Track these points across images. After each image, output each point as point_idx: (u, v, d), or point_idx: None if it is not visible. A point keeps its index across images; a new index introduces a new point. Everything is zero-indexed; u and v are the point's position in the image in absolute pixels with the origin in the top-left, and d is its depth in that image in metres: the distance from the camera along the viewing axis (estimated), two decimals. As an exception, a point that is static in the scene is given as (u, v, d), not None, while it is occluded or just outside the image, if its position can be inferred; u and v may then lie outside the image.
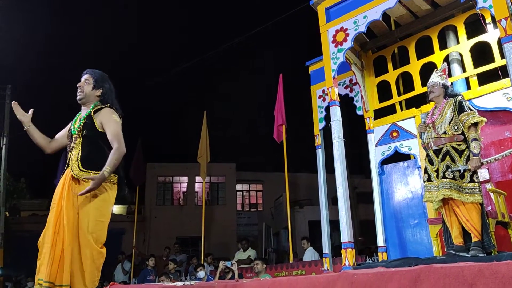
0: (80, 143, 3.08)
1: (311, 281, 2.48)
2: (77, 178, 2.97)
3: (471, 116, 3.78)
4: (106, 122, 3.10)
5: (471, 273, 1.83)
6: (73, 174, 2.98)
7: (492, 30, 5.01)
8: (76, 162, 3.00)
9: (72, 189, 2.95)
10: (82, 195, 2.86)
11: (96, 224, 2.90)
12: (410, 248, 5.28)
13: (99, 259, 2.90)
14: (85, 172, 2.96)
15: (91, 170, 2.97)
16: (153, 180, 21.26)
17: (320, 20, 5.32)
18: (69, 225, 2.84)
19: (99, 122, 3.10)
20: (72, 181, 2.98)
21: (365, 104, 5.87)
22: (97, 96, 3.26)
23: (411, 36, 5.74)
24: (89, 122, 3.10)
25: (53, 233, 2.86)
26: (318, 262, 7.07)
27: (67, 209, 2.88)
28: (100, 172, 2.90)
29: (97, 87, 3.26)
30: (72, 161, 3.04)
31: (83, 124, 3.12)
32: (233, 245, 18.64)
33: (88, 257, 2.84)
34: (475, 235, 3.66)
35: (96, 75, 3.30)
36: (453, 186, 3.72)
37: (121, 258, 10.98)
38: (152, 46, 35.35)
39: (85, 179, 2.93)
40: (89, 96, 3.24)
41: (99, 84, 3.27)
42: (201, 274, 7.60)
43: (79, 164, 2.99)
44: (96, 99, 3.26)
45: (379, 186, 5.67)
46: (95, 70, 3.34)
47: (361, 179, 18.50)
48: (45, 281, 2.74)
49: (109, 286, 4.00)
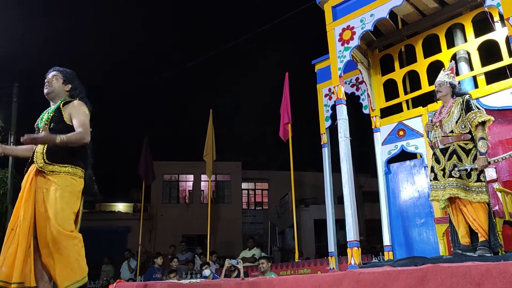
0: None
1: (318, 280, 2.48)
2: (42, 171, 2.89)
3: (478, 115, 3.75)
4: (74, 113, 3.04)
5: (478, 272, 1.82)
6: (37, 166, 2.90)
7: (500, 28, 4.97)
8: (42, 155, 2.93)
9: (37, 183, 2.89)
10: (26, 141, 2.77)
11: (63, 212, 2.83)
12: (416, 247, 5.26)
13: (77, 244, 2.84)
14: (50, 165, 2.90)
15: (57, 162, 2.91)
16: (159, 179, 21.27)
17: (326, 19, 5.31)
18: (25, 221, 2.77)
19: (68, 114, 3.05)
20: (38, 175, 2.91)
21: (372, 102, 5.85)
22: (66, 91, 3.22)
23: (418, 35, 5.71)
24: (57, 115, 3.05)
25: (9, 230, 2.81)
26: (324, 261, 7.07)
27: (26, 205, 2.82)
28: (67, 165, 2.89)
29: (66, 82, 3.23)
30: (37, 153, 2.96)
31: (51, 117, 3.06)
32: (238, 243, 18.68)
33: (66, 246, 2.77)
34: (482, 234, 3.63)
35: (64, 72, 3.28)
36: (459, 185, 3.70)
37: (127, 255, 11.04)
38: (158, 44, 35.45)
39: (50, 172, 2.87)
40: (58, 91, 3.20)
41: (68, 80, 3.25)
42: (207, 272, 7.61)
43: (44, 157, 2.91)
44: (65, 94, 3.22)
45: (385, 185, 5.65)
46: (63, 68, 3.32)
47: (367, 178, 18.46)
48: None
49: (116, 283, 4.03)
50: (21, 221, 2.78)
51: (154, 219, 20.51)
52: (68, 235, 2.80)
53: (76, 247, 2.83)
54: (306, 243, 17.78)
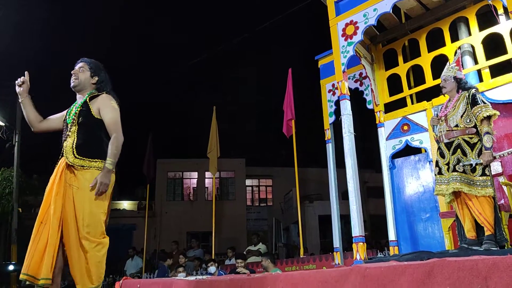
0: (75, 131, 2.97)
1: (324, 275, 2.48)
2: (72, 166, 2.86)
3: (484, 109, 3.73)
4: (103, 108, 3.01)
5: (485, 266, 1.81)
6: (68, 161, 2.86)
7: (505, 21, 4.93)
8: (71, 149, 2.89)
9: (66, 178, 2.85)
10: (98, 195, 2.78)
11: (92, 216, 2.79)
12: (421, 242, 5.25)
13: (99, 250, 2.80)
14: (81, 160, 2.86)
15: (87, 157, 2.87)
16: (163, 176, 21.39)
17: (329, 14, 5.29)
18: (55, 215, 2.73)
19: (96, 108, 3.01)
20: (67, 169, 2.88)
21: (375, 97, 5.83)
22: (92, 84, 3.16)
23: (422, 29, 5.68)
24: (85, 109, 3.00)
25: (39, 223, 2.77)
26: (329, 256, 7.07)
27: (56, 199, 2.78)
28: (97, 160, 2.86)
29: (93, 75, 3.17)
30: (67, 148, 2.92)
31: (79, 111, 3.01)
32: (243, 240, 18.71)
33: (87, 250, 2.73)
34: (488, 228, 3.63)
35: (91, 63, 3.21)
36: (463, 179, 3.69)
37: (131, 253, 11.17)
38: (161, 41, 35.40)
39: (80, 167, 2.84)
40: (84, 83, 3.14)
41: (95, 72, 3.18)
42: (212, 269, 7.64)
43: (74, 152, 2.88)
44: (92, 87, 3.16)
45: (390, 180, 5.64)
46: (90, 59, 3.25)
47: (371, 173, 18.43)
48: (24, 273, 2.64)
49: (122, 280, 4.04)
50: (52, 215, 2.74)
51: (158, 217, 20.60)
52: (92, 240, 2.77)
53: (98, 254, 2.78)
54: (310, 239, 17.79)
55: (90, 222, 2.78)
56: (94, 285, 2.76)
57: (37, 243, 2.72)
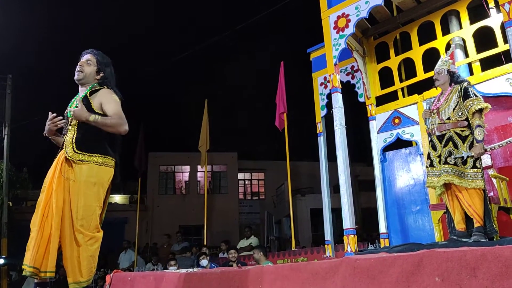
0: (75, 125, 2.93)
1: (314, 267, 2.49)
2: (71, 161, 2.83)
3: (476, 103, 3.74)
4: (106, 102, 2.95)
5: (473, 257, 1.82)
6: (67, 155, 2.83)
7: (495, 14, 4.96)
8: (71, 144, 2.86)
9: (64, 171, 2.83)
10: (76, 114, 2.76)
11: (86, 209, 2.77)
12: (412, 234, 5.29)
13: (92, 244, 2.78)
14: (80, 154, 2.83)
15: (86, 152, 2.85)
16: (155, 170, 21.30)
17: (321, 6, 5.27)
18: (57, 208, 2.72)
19: (97, 103, 2.95)
20: (65, 163, 2.85)
21: (367, 91, 5.84)
22: (96, 79, 3.10)
23: (413, 22, 5.69)
24: (86, 103, 2.93)
25: (41, 216, 2.75)
26: (320, 249, 7.10)
27: (57, 192, 2.76)
28: (96, 155, 2.84)
29: (98, 71, 3.11)
30: (66, 142, 2.89)
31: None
32: (235, 234, 18.74)
33: (80, 244, 2.72)
34: (478, 220, 3.65)
35: (99, 58, 3.13)
36: (454, 171, 3.71)
37: (125, 245, 11.15)
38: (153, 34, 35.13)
39: (79, 162, 2.81)
40: (88, 77, 3.07)
41: (102, 68, 3.12)
42: (204, 262, 7.64)
43: (74, 146, 2.85)
44: (95, 81, 3.10)
45: (381, 173, 5.67)
46: (99, 51, 3.17)
47: (362, 167, 18.52)
48: (29, 265, 2.62)
49: (113, 273, 4.03)
50: (54, 208, 2.73)
51: (150, 210, 20.53)
52: (86, 234, 2.76)
53: (90, 248, 2.76)
54: (302, 232, 17.86)
55: (84, 215, 2.76)
56: (84, 279, 2.73)
57: (41, 237, 2.70)
